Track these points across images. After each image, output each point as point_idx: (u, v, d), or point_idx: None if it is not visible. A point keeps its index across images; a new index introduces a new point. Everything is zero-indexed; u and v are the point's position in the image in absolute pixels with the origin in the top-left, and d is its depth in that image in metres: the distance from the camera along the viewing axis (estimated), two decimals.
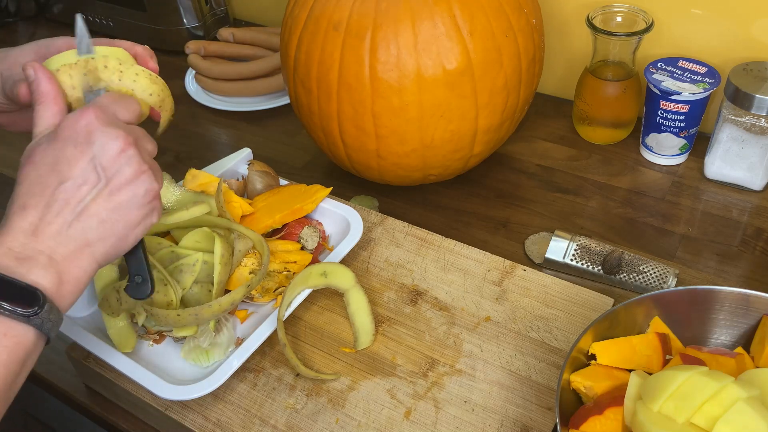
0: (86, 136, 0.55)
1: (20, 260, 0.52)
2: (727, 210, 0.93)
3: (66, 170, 0.55)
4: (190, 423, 0.70)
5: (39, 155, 0.55)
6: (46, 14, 1.53)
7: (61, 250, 0.54)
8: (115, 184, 0.56)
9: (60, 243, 0.54)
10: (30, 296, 0.51)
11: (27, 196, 0.54)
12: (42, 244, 0.53)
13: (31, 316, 0.51)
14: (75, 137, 0.55)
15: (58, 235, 0.54)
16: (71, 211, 0.54)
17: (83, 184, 0.55)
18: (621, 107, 1.01)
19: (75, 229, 0.54)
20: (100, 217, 0.55)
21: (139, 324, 0.75)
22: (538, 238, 0.91)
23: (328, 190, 0.86)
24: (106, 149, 0.55)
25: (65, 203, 0.54)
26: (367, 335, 0.76)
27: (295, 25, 0.87)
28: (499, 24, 0.84)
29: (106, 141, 0.55)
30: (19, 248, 0.52)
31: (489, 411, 0.69)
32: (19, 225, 0.53)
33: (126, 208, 0.56)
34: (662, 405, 0.56)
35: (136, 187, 0.57)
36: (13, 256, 0.52)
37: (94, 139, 0.55)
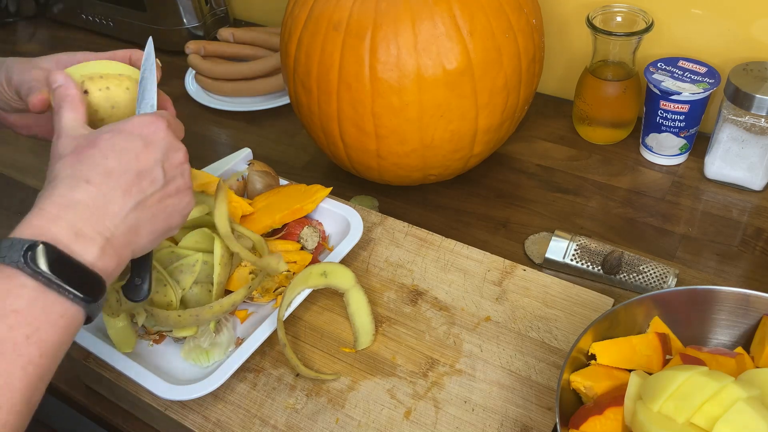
0: (157, 138, 0.58)
1: (80, 237, 0.52)
2: (727, 210, 0.93)
3: (134, 161, 0.56)
4: (190, 423, 0.70)
5: (105, 142, 0.56)
6: (46, 14, 1.53)
7: (117, 233, 0.54)
8: (171, 188, 0.59)
9: (117, 226, 0.54)
10: (92, 282, 0.52)
11: (92, 172, 0.54)
12: (101, 225, 0.53)
13: (90, 303, 0.52)
14: (146, 135, 0.58)
15: (116, 216, 0.54)
16: (132, 198, 0.56)
17: (147, 178, 0.57)
18: (621, 107, 1.01)
19: (132, 217, 0.55)
20: (152, 212, 0.57)
21: (139, 324, 0.75)
22: (538, 238, 0.91)
23: (328, 190, 0.86)
24: (172, 156, 0.59)
25: (128, 189, 0.55)
26: (367, 335, 0.76)
27: (295, 25, 0.87)
28: (499, 24, 0.84)
29: (173, 149, 0.59)
30: (80, 224, 0.52)
31: (489, 411, 0.69)
32: (80, 198, 0.53)
33: (171, 213, 0.59)
34: (662, 405, 0.56)
35: (183, 198, 0.60)
36: (74, 231, 0.51)
37: (164, 144, 0.58)
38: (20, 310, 0.48)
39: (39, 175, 1.08)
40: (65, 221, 0.52)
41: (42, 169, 1.15)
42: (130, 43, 1.41)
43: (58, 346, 0.50)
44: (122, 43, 1.42)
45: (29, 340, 0.48)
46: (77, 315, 0.51)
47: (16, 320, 0.48)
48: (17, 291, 0.49)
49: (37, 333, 0.49)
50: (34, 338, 0.49)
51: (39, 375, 0.49)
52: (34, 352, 0.49)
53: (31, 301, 0.49)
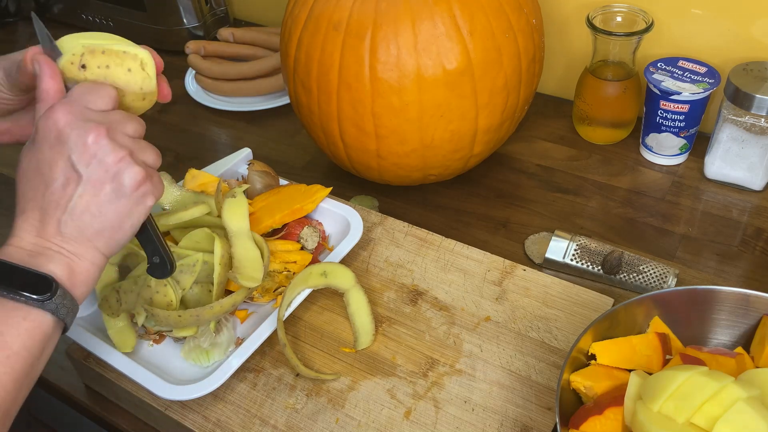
0: (57, 135, 0.56)
1: (32, 256, 0.55)
2: (727, 210, 0.93)
3: (48, 173, 0.56)
4: (190, 423, 0.70)
5: (25, 160, 0.57)
6: (46, 14, 1.52)
7: (66, 246, 0.56)
8: (96, 177, 0.56)
9: (62, 241, 0.56)
10: (43, 283, 0.54)
11: (23, 202, 0.57)
12: (47, 243, 0.56)
13: (45, 301, 0.54)
14: (48, 138, 0.56)
15: (57, 234, 0.56)
16: (63, 212, 0.56)
17: (66, 184, 0.56)
18: (621, 107, 1.01)
19: (70, 228, 0.56)
20: (90, 213, 0.56)
21: (139, 324, 0.75)
22: (538, 238, 0.91)
23: (328, 190, 0.86)
24: (79, 144, 0.55)
25: (56, 205, 0.56)
26: (367, 335, 0.76)
27: (295, 25, 0.87)
28: (499, 24, 0.84)
29: (77, 136, 0.55)
30: (29, 247, 0.55)
31: (489, 411, 0.69)
32: (24, 228, 0.56)
33: (112, 199, 0.57)
34: (662, 405, 0.56)
35: (117, 176, 0.57)
36: (25, 253, 0.55)
37: (66, 137, 0.55)
38: None
39: None
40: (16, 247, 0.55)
41: None
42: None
43: (27, 349, 0.53)
44: None
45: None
46: (42, 318, 0.54)
47: None
48: None
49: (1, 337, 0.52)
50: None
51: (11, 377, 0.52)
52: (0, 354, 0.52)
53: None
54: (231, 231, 0.76)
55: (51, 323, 0.55)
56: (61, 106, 0.56)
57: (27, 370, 0.53)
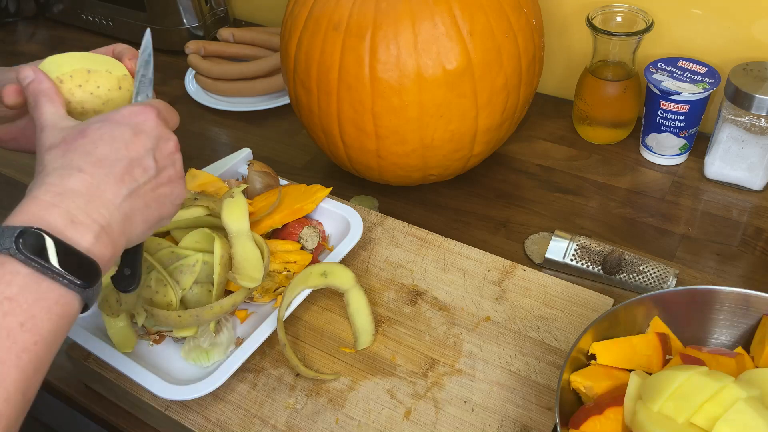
0: (146, 127, 0.57)
1: (75, 224, 0.51)
2: (727, 210, 0.93)
3: (124, 150, 0.55)
4: (190, 423, 0.70)
5: (94, 132, 0.55)
6: (46, 14, 1.53)
7: (113, 220, 0.54)
8: (163, 177, 0.58)
9: (112, 214, 0.54)
10: (88, 268, 0.51)
11: (83, 161, 0.54)
12: (96, 212, 0.52)
13: (86, 288, 0.51)
14: (135, 124, 0.57)
15: (111, 204, 0.54)
16: (126, 186, 0.55)
17: (139, 167, 0.56)
18: (621, 107, 1.01)
19: (125, 205, 0.55)
20: (145, 201, 0.57)
21: (139, 324, 0.75)
22: (538, 238, 0.91)
23: (328, 190, 0.86)
24: (163, 145, 0.58)
25: (121, 178, 0.55)
26: (367, 335, 0.76)
27: (295, 25, 0.87)
28: (499, 24, 0.84)
29: (163, 138, 0.58)
30: (75, 211, 0.51)
31: (489, 411, 0.69)
32: (73, 186, 0.52)
33: (164, 202, 0.59)
34: (662, 405, 0.56)
35: (175, 187, 0.60)
36: (69, 218, 0.51)
37: (154, 133, 0.58)
38: (13, 297, 0.48)
39: None
40: (60, 208, 0.51)
41: None
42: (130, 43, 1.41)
43: (53, 334, 0.50)
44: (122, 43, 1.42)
45: (23, 327, 0.47)
46: (73, 302, 0.51)
47: (10, 307, 0.47)
48: (9, 278, 0.48)
49: (32, 320, 0.48)
50: (29, 325, 0.48)
51: (34, 364, 0.48)
52: (29, 339, 0.48)
53: (24, 287, 0.48)
54: (231, 231, 0.76)
55: (78, 307, 0.51)
56: (154, 106, 0.59)
57: (49, 357, 0.50)
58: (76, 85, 0.63)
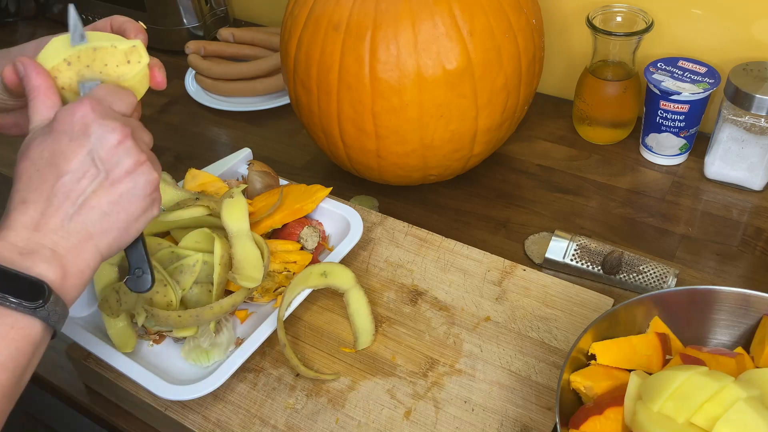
0: (82, 128, 0.55)
1: (24, 255, 0.52)
2: (727, 210, 0.93)
3: (63, 164, 0.54)
4: (190, 423, 0.70)
5: (35, 149, 0.55)
6: (46, 14, 1.53)
7: (64, 243, 0.53)
8: (115, 175, 0.55)
9: (63, 236, 0.53)
10: (35, 289, 0.51)
11: (26, 191, 0.54)
12: (45, 238, 0.53)
13: (37, 309, 0.50)
14: (71, 130, 0.55)
15: (60, 228, 0.53)
16: (72, 204, 0.54)
17: (82, 177, 0.54)
18: (621, 107, 1.01)
19: (77, 222, 0.54)
20: (101, 210, 0.55)
21: (139, 324, 0.75)
22: (538, 238, 0.91)
23: (328, 190, 0.86)
24: (104, 141, 0.55)
25: (65, 197, 0.54)
26: (367, 335, 0.76)
27: (295, 25, 0.87)
28: (499, 24, 0.84)
29: (103, 133, 0.55)
30: (22, 243, 0.52)
31: (489, 411, 0.69)
32: (20, 220, 0.53)
33: (127, 200, 0.56)
34: (662, 405, 0.56)
35: (135, 179, 0.56)
36: (17, 251, 0.52)
37: (91, 131, 0.55)
38: None
39: None
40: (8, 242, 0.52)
41: None
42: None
43: (14, 360, 0.49)
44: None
45: None
46: (32, 326, 0.51)
47: None
48: None
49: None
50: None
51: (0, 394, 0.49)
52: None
53: None
54: (231, 231, 0.76)
55: (40, 330, 0.51)
56: (88, 101, 0.56)
57: (14, 382, 0.50)
58: (84, 66, 0.61)
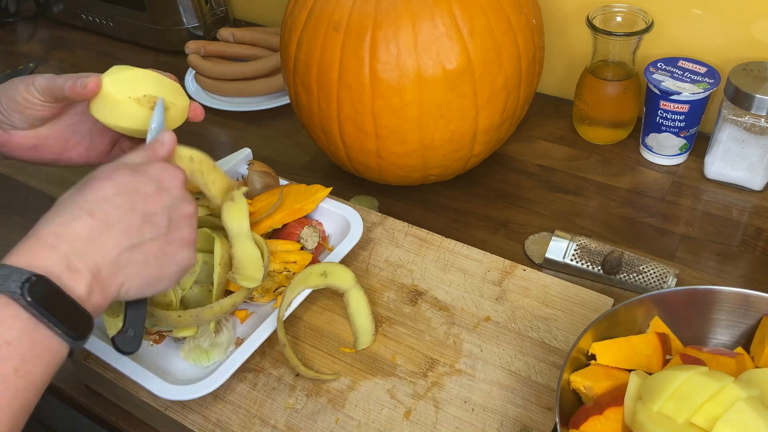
0: (171, 186, 0.59)
1: (72, 270, 0.51)
2: (727, 210, 0.93)
3: (141, 203, 0.56)
4: (190, 423, 0.70)
5: (121, 177, 0.57)
6: (46, 14, 1.53)
7: (105, 270, 0.54)
8: (172, 238, 0.59)
9: (106, 263, 0.54)
10: (81, 320, 0.51)
11: (98, 207, 0.54)
12: (90, 259, 0.53)
13: (77, 340, 0.51)
14: (161, 181, 0.58)
15: (107, 254, 0.54)
16: (129, 239, 0.55)
17: (151, 222, 0.57)
18: (621, 107, 1.01)
19: (124, 257, 0.55)
20: (146, 257, 0.57)
21: None
22: (538, 238, 0.91)
23: (328, 190, 0.86)
24: (181, 207, 0.59)
25: (128, 229, 0.55)
26: (367, 335, 0.76)
27: (295, 25, 0.87)
28: (499, 24, 0.84)
29: (184, 200, 0.60)
30: (72, 256, 0.52)
31: (489, 411, 0.69)
32: (77, 230, 0.53)
33: (166, 262, 0.58)
34: (662, 405, 0.56)
35: (184, 250, 0.60)
36: (66, 264, 0.51)
37: (176, 194, 0.59)
38: (11, 341, 0.48)
39: (39, 175, 1.08)
40: (59, 252, 0.51)
41: (42, 168, 1.15)
42: (130, 43, 1.42)
43: (41, 380, 0.50)
44: (122, 43, 1.42)
45: (17, 372, 0.48)
46: (62, 350, 0.52)
47: (7, 352, 0.48)
48: (10, 322, 0.48)
49: (24, 366, 0.48)
50: (22, 371, 0.48)
51: (23, 409, 0.49)
52: (21, 384, 0.48)
53: (22, 333, 0.48)
54: (231, 232, 0.76)
55: (65, 356, 0.52)
56: (182, 172, 0.61)
57: (35, 402, 0.50)
58: (199, 172, 0.69)
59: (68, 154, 0.72)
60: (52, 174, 1.07)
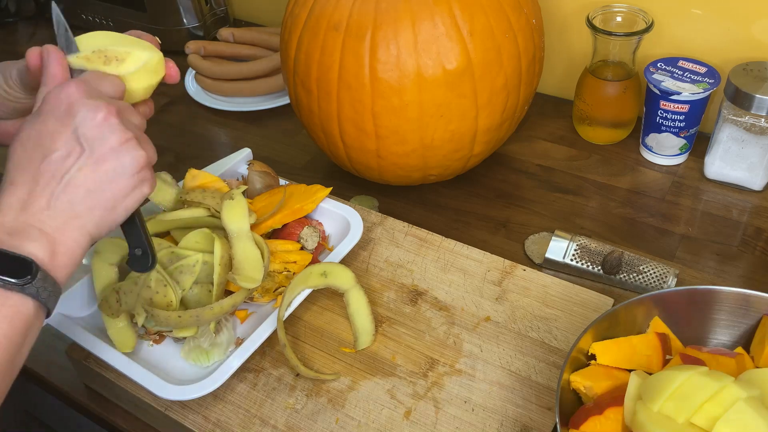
0: (68, 107, 0.56)
1: (12, 234, 0.53)
2: (727, 210, 0.93)
3: (49, 143, 0.55)
4: (190, 423, 0.70)
5: (24, 132, 0.56)
6: (45, 14, 1.53)
7: (51, 222, 0.54)
8: (100, 153, 0.56)
9: (49, 216, 0.54)
10: (22, 266, 0.52)
11: (15, 172, 0.55)
12: (32, 218, 0.54)
13: (25, 285, 0.51)
14: (56, 110, 0.56)
15: (46, 208, 0.54)
16: (57, 183, 0.55)
17: (67, 156, 0.55)
18: (621, 107, 1.01)
19: (62, 201, 0.55)
20: (86, 188, 0.55)
21: (139, 324, 0.75)
22: (538, 238, 0.91)
23: (328, 190, 0.86)
24: (88, 119, 0.56)
25: (51, 176, 0.55)
26: (367, 335, 0.76)
27: (295, 25, 0.87)
28: (499, 24, 0.84)
29: (87, 111, 0.56)
30: (9, 223, 0.53)
31: (489, 411, 0.69)
32: (8, 201, 0.54)
33: (112, 178, 0.57)
34: (662, 405, 0.56)
35: (121, 156, 0.57)
36: (4, 231, 0.53)
37: (76, 110, 0.56)
38: None
39: None
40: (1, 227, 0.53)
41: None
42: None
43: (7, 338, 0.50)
44: None
45: None
46: (23, 303, 0.52)
47: None
48: None
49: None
50: None
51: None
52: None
53: None
54: (231, 232, 0.76)
55: (32, 308, 0.52)
56: (73, 82, 0.57)
57: (8, 358, 0.51)
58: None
59: None
60: None
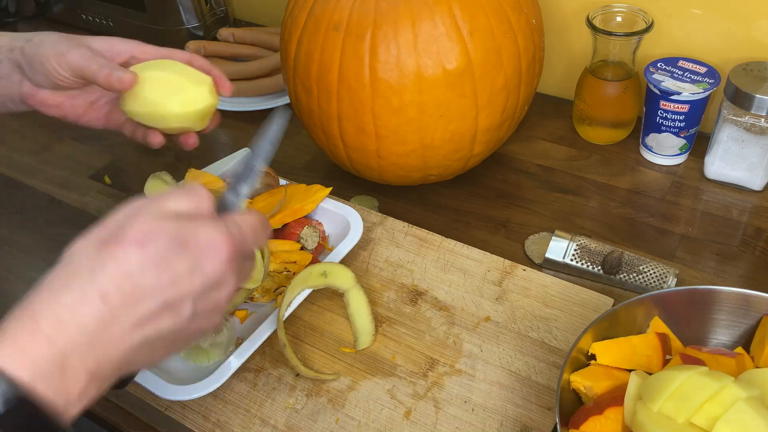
0: (208, 268, 0.48)
1: (64, 373, 0.42)
2: (727, 210, 0.93)
3: (167, 286, 0.46)
4: (190, 423, 0.70)
5: (156, 246, 0.46)
6: (45, 14, 1.53)
7: (105, 368, 0.45)
8: (191, 328, 0.49)
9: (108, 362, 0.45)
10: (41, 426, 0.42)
11: (112, 286, 0.44)
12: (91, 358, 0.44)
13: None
14: (197, 259, 0.47)
15: (113, 352, 0.45)
16: (141, 333, 0.46)
17: (170, 312, 0.47)
18: (621, 107, 1.01)
19: (131, 353, 0.46)
20: (154, 347, 0.47)
21: None
22: (538, 238, 0.91)
23: (328, 190, 0.86)
24: (211, 295, 0.48)
25: (143, 320, 0.46)
26: (367, 335, 0.76)
27: (295, 25, 0.87)
28: (499, 24, 0.84)
29: (218, 285, 0.48)
30: (72, 354, 0.43)
31: (489, 411, 0.69)
32: (86, 319, 0.44)
33: (179, 345, 0.50)
34: (662, 405, 0.56)
35: (197, 335, 0.50)
36: (60, 365, 0.42)
37: (211, 278, 0.48)
38: None
39: (39, 175, 1.08)
40: (56, 348, 0.42)
41: (42, 168, 1.14)
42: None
43: None
44: None
45: None
46: None
47: None
48: None
49: None
50: None
51: None
52: None
53: None
54: None
55: None
56: (232, 245, 0.48)
57: None
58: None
59: (88, 118, 0.74)
60: (53, 175, 1.07)
